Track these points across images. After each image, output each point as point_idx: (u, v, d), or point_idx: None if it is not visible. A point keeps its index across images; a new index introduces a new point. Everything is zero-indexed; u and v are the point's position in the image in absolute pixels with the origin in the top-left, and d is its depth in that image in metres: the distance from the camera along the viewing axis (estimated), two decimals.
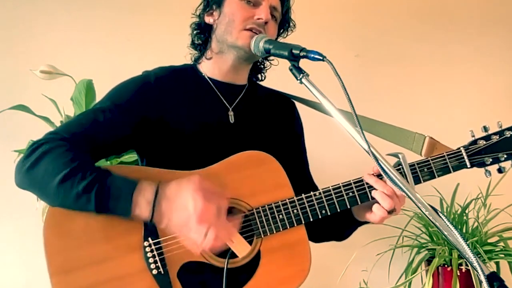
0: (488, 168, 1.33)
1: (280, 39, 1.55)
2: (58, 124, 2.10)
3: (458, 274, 2.11)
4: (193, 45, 1.52)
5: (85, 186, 1.15)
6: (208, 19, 1.47)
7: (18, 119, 2.28)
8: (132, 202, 1.16)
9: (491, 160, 1.31)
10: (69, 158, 1.18)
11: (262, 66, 1.59)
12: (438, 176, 1.32)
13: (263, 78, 1.60)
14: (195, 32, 1.51)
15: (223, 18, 1.42)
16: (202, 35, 1.49)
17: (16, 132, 2.39)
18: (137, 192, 1.17)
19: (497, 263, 2.18)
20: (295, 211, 1.30)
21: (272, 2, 1.42)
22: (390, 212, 1.29)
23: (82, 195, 1.16)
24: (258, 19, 1.38)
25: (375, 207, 1.29)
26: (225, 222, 1.18)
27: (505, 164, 1.32)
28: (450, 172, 1.32)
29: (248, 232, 1.29)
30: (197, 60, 1.52)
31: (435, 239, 2.28)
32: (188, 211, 1.15)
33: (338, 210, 1.31)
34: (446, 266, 2.20)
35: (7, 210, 2.42)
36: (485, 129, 1.32)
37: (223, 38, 1.41)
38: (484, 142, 1.32)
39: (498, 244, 2.25)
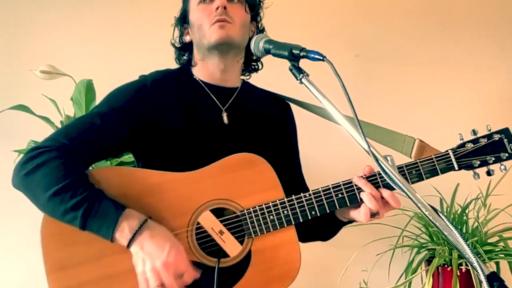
0: (477, 170, 1.34)
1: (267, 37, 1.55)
2: (58, 124, 2.10)
3: (458, 274, 2.10)
4: (180, 62, 1.57)
5: (74, 204, 1.18)
6: (186, 38, 1.53)
7: (18, 119, 2.28)
8: (115, 227, 1.18)
9: (479, 162, 1.33)
10: (62, 173, 1.21)
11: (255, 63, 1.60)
12: (426, 178, 1.33)
13: (260, 67, 1.61)
14: (178, 53, 1.57)
15: (193, 28, 1.48)
16: (187, 52, 1.55)
17: (16, 132, 2.39)
18: (123, 217, 1.19)
19: (497, 263, 2.17)
20: (285, 212, 1.31)
21: None
22: (373, 215, 1.30)
23: (69, 211, 1.18)
24: (216, 9, 1.40)
25: (363, 207, 1.30)
26: None
27: (494, 167, 1.33)
28: (438, 174, 1.34)
29: (240, 232, 1.31)
30: (190, 63, 1.55)
31: (435, 239, 2.28)
32: (160, 252, 1.17)
33: (328, 211, 1.33)
34: (446, 266, 2.19)
35: (7, 210, 2.42)
36: (474, 132, 1.34)
37: (200, 45, 1.46)
38: (472, 145, 1.34)
39: (498, 244, 2.25)
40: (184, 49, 1.56)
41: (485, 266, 0.95)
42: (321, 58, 1.12)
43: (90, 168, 1.34)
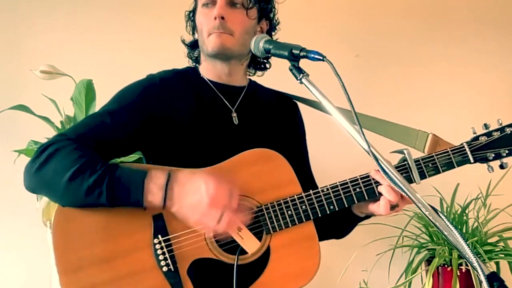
0: (491, 164, 1.35)
1: (272, 34, 1.55)
2: (58, 124, 2.10)
3: (458, 274, 2.11)
4: (190, 57, 1.59)
5: (96, 179, 1.16)
6: (196, 36, 1.52)
7: (18, 119, 2.28)
8: (144, 189, 1.17)
9: (493, 155, 1.34)
10: (77, 155, 1.19)
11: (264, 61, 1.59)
12: (443, 171, 1.34)
13: (268, 67, 1.60)
14: (189, 50, 1.57)
15: (198, 31, 1.48)
16: (196, 49, 1.55)
17: (16, 132, 2.39)
18: (148, 179, 1.18)
19: (497, 263, 2.17)
20: (303, 206, 1.30)
21: None
22: (393, 207, 1.30)
23: (93, 188, 1.16)
24: (215, 18, 1.39)
25: (382, 199, 1.30)
26: (237, 207, 1.19)
27: (507, 160, 1.35)
28: (454, 167, 1.34)
29: (258, 228, 1.29)
30: (197, 62, 1.55)
31: (435, 239, 2.28)
32: (200, 194, 1.16)
33: (346, 206, 1.32)
34: (446, 266, 2.20)
35: (7, 210, 2.42)
36: (486, 126, 1.35)
37: (202, 50, 1.47)
38: (486, 138, 1.35)
39: (498, 244, 2.25)
40: (194, 46, 1.55)
41: (485, 266, 0.95)
42: (321, 58, 1.12)
43: None
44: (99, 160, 1.21)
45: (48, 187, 1.21)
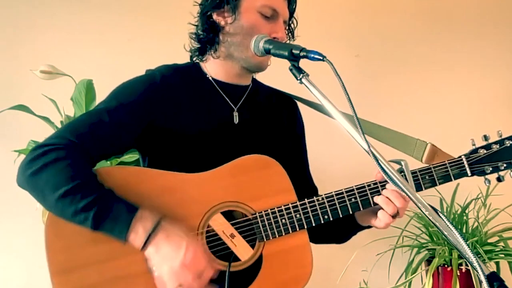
0: (488, 176, 1.34)
1: None
2: (58, 124, 2.10)
3: (458, 274, 2.11)
4: (197, 38, 1.47)
5: (84, 206, 1.15)
6: (218, 19, 1.41)
7: (18, 119, 2.28)
8: (129, 228, 1.15)
9: (491, 169, 1.33)
10: (71, 174, 1.18)
11: None
12: (439, 184, 1.33)
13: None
14: (204, 27, 1.44)
15: (238, 28, 1.38)
16: (209, 32, 1.43)
17: (16, 132, 2.39)
18: (137, 218, 1.16)
19: (497, 263, 2.18)
20: (297, 215, 1.30)
21: (285, 17, 1.43)
22: (394, 216, 1.30)
23: (80, 213, 1.15)
24: (274, 38, 1.36)
25: (380, 213, 1.30)
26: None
27: (504, 173, 1.34)
28: (451, 180, 1.33)
29: (251, 235, 1.28)
30: (202, 58, 1.49)
31: (435, 239, 2.28)
32: (178, 253, 1.15)
33: (340, 216, 1.31)
34: (446, 266, 2.20)
35: (7, 210, 2.42)
36: (486, 138, 1.34)
37: (237, 49, 1.39)
38: (485, 151, 1.33)
39: (498, 244, 2.25)
40: (211, 28, 1.41)
41: (485, 266, 0.95)
42: (321, 58, 1.12)
43: (99, 167, 1.31)
44: (93, 183, 1.19)
45: (38, 195, 1.20)
